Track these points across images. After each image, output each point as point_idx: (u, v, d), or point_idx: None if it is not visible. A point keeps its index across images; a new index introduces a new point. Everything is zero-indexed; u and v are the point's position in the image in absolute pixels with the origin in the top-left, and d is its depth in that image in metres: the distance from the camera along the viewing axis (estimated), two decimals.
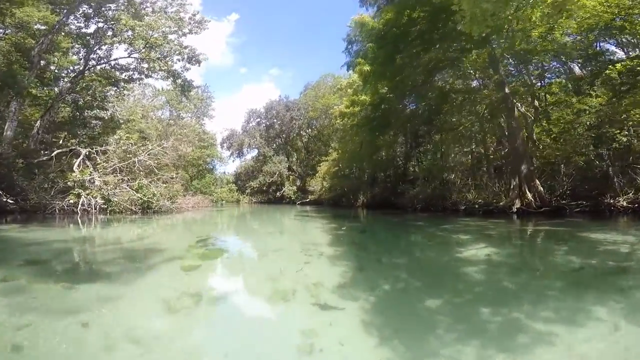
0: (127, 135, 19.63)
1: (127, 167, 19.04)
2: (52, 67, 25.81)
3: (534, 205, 12.93)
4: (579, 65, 16.32)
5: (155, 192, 18.22)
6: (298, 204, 36.68)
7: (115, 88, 29.12)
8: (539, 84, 17.17)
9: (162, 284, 4.17)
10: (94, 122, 29.32)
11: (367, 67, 15.94)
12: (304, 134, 45.66)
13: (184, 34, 28.53)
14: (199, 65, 30.51)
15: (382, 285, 4.18)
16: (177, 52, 29.11)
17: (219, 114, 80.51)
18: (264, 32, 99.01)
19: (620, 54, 15.39)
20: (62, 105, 25.42)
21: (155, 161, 19.49)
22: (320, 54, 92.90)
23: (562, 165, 14.26)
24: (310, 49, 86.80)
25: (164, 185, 19.33)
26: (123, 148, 18.72)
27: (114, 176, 18.11)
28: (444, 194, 16.51)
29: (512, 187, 13.82)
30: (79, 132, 26.70)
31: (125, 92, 34.66)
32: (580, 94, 13.67)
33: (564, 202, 13.27)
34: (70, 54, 26.58)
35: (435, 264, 5.69)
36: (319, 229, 10.47)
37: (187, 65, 30.83)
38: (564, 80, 15.26)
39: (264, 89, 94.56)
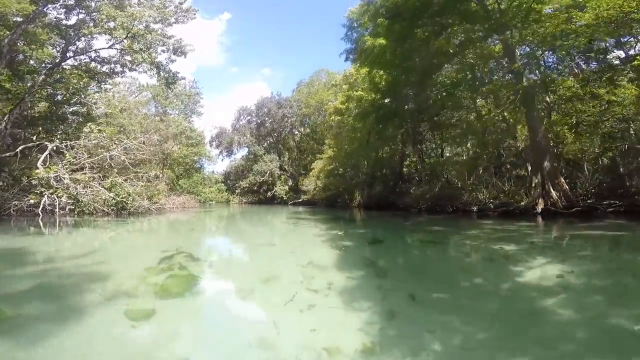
0: (100, 128, 17.23)
1: (99, 164, 16.67)
2: (28, 60, 23.43)
3: (560, 205, 11.26)
4: (583, 59, 14.89)
5: (131, 191, 15.90)
6: (290, 204, 34.60)
7: (96, 82, 26.78)
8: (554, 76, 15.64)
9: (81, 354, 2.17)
10: (72, 117, 26.74)
11: (378, 41, 13.60)
12: (297, 132, 43.58)
13: (170, 24, 26.36)
14: (185, 57, 28.26)
15: (430, 344, 2.31)
16: (162, 43, 26.91)
17: (209, 114, 77.63)
18: (256, 32, 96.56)
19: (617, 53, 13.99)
20: (37, 99, 23.14)
21: (131, 157, 17.13)
22: (313, 55, 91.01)
23: (585, 162, 12.65)
24: (303, 49, 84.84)
25: (142, 184, 17.00)
26: (94, 142, 16.33)
27: (84, 174, 15.74)
28: (451, 194, 14.74)
29: (533, 185, 12.14)
30: (54, 128, 24.12)
31: (108, 86, 32.35)
32: (608, 85, 12.04)
33: (590, 201, 11.64)
34: (48, 46, 24.11)
35: (495, 296, 3.81)
36: (318, 237, 8.39)
37: (173, 57, 28.66)
38: (585, 70, 13.66)
39: (255, 88, 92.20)
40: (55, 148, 17.34)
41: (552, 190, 11.64)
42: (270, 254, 6.16)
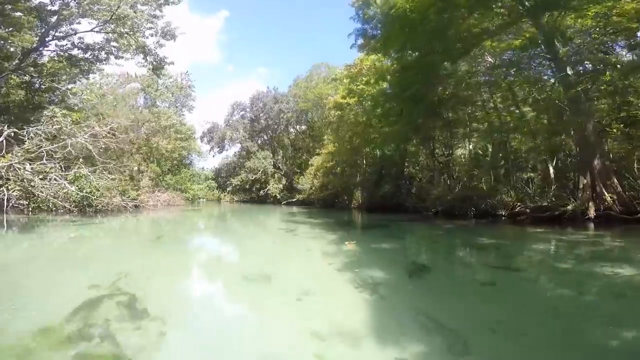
0: (64, 112, 14.40)
1: (65, 154, 13.86)
2: (7, 46, 20.73)
3: (616, 209, 9.08)
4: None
5: (99, 185, 13.15)
6: (283, 203, 32.02)
7: (79, 70, 24.25)
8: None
9: None
10: (50, 107, 23.94)
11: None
12: (292, 130, 40.96)
13: (160, 6, 23.77)
14: (175, 40, 25.74)
15: None
16: (149, 23, 24.26)
17: (201, 112, 74.32)
18: (254, 31, 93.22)
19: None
20: (13, 87, 20.55)
21: (100, 146, 14.34)
22: (311, 55, 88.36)
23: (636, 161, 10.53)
24: (301, 49, 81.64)
25: (113, 176, 14.25)
26: (56, 127, 13.52)
27: (42, 164, 12.96)
28: (474, 196, 12.46)
29: (581, 186, 9.94)
30: (29, 117, 21.14)
31: (96, 78, 29.78)
32: None
33: None
34: (27, 30, 21.36)
35: None
36: (329, 259, 5.39)
37: (161, 41, 26.04)
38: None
39: (250, 87, 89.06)
40: (12, 134, 14.48)
41: (604, 192, 9.46)
42: (265, 305, 3.45)
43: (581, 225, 9.17)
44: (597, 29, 10.50)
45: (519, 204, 12.12)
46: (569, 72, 10.72)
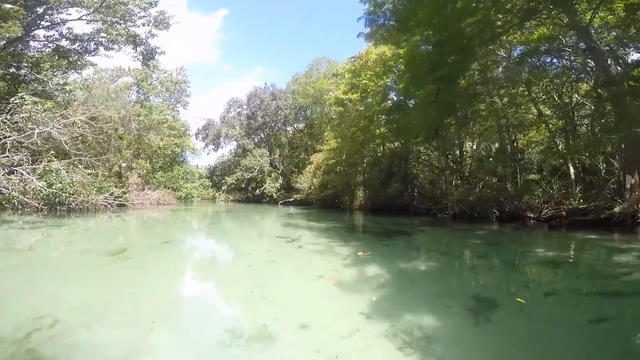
0: (35, 99, 12.58)
1: (33, 145, 12.06)
2: None
3: None
4: None
5: (71, 181, 11.37)
6: (280, 203, 30.35)
7: (67, 62, 22.65)
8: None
9: None
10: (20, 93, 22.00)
11: None
12: (290, 129, 39.22)
13: None
14: (168, 30, 24.11)
15: None
16: (142, 11, 22.72)
17: (198, 111, 72.16)
18: (252, 30, 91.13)
19: None
20: None
21: (77, 138, 12.55)
22: (309, 55, 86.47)
23: None
24: (299, 49, 79.79)
25: (89, 171, 12.47)
26: (23, 116, 11.71)
27: (5, 156, 11.17)
28: (503, 198, 10.90)
29: (628, 187, 8.46)
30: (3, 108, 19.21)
31: (90, 73, 28.16)
32: None
33: None
34: (14, 19, 19.66)
35: None
36: (347, 291, 3.63)
37: (154, 31, 24.42)
38: None
39: (246, 87, 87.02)
40: None
41: None
42: None
43: (633, 230, 7.70)
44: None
45: (546, 205, 10.66)
46: (611, 64, 9.21)
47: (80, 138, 12.51)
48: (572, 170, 13.34)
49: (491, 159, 13.89)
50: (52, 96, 20.45)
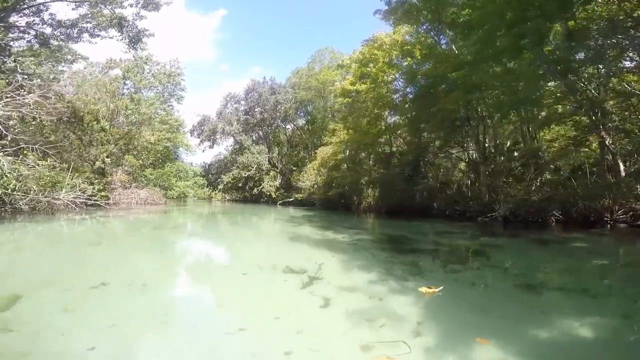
0: None
1: None
2: None
3: None
4: None
5: (16, 175, 8.64)
6: (279, 204, 27.77)
7: (50, 51, 20.30)
8: None
9: None
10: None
11: None
12: (289, 127, 36.58)
13: None
14: (157, 11, 21.53)
15: None
16: None
17: (192, 109, 69.22)
18: (250, 30, 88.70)
19: None
20: None
21: (25, 121, 9.79)
22: (307, 56, 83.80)
23: None
24: (297, 50, 77.22)
25: (46, 163, 9.74)
26: None
27: None
28: (578, 198, 8.48)
29: None
30: None
31: (80, 67, 25.67)
32: None
33: None
34: None
35: None
36: None
37: (142, 12, 21.83)
38: None
39: (243, 86, 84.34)
40: None
41: None
42: None
43: None
44: None
45: (619, 207, 8.36)
46: None
47: (34, 123, 9.76)
48: (622, 167, 11.18)
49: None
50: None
